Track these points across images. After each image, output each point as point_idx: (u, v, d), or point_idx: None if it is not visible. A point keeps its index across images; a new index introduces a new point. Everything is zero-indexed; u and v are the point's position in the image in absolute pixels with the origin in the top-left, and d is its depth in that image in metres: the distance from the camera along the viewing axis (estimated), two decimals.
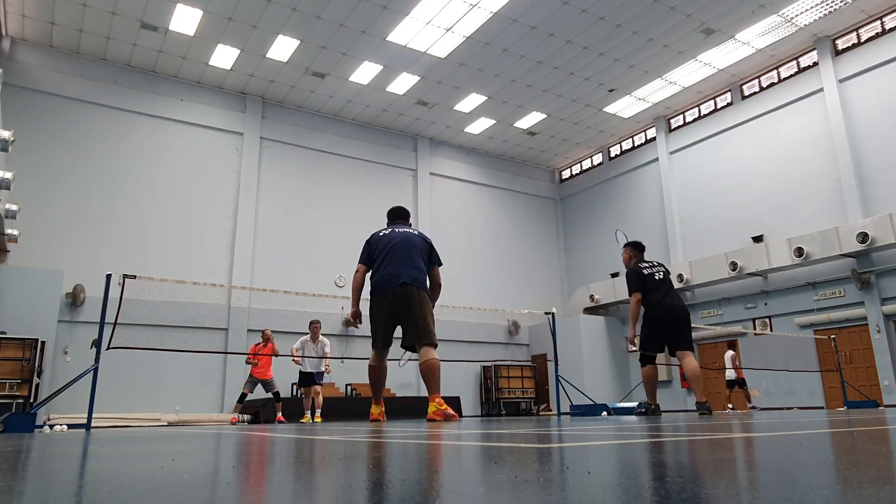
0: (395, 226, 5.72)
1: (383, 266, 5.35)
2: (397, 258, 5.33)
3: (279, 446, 2.51)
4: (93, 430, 7.04)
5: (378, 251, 5.48)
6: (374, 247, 5.53)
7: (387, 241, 5.48)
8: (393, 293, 5.23)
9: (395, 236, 5.50)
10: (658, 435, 2.48)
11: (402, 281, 5.23)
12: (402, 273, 5.26)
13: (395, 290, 5.22)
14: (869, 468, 1.08)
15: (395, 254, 5.36)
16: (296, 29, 15.07)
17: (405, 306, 5.22)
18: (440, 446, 2.17)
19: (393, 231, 5.59)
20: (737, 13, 15.03)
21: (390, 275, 5.27)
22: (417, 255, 5.43)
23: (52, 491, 1.15)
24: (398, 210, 5.95)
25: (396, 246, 5.40)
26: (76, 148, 15.45)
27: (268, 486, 1.12)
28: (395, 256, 5.35)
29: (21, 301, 12.71)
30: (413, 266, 5.33)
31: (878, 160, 15.08)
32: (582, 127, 20.76)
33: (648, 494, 0.83)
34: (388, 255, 5.37)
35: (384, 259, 5.38)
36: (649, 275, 7.00)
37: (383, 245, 5.47)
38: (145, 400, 14.48)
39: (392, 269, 5.29)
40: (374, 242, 5.56)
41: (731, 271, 16.83)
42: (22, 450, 2.64)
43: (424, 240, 5.59)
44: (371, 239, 5.63)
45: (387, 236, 5.54)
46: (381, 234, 5.60)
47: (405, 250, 5.39)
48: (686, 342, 6.86)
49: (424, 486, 1.04)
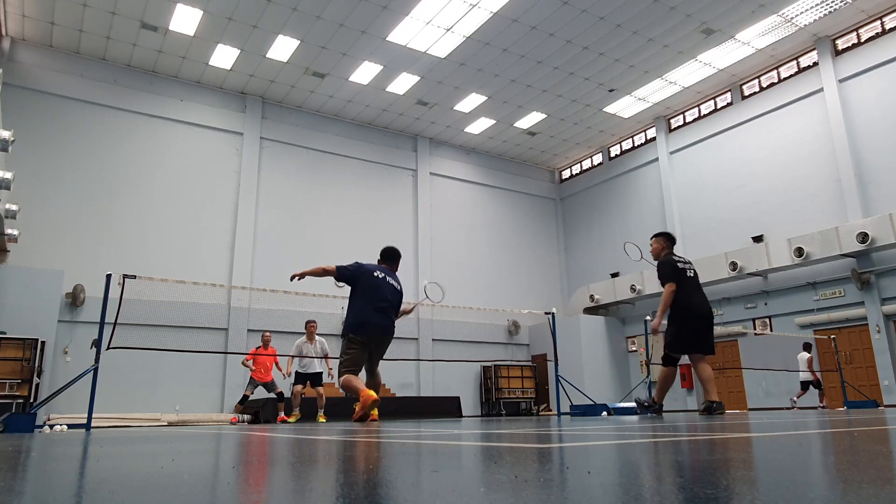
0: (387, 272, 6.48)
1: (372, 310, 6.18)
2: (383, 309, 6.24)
3: (278, 446, 2.51)
4: (93, 430, 7.04)
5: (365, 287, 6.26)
6: (363, 277, 6.29)
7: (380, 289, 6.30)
8: (377, 339, 6.26)
9: (387, 287, 6.34)
10: (658, 435, 2.48)
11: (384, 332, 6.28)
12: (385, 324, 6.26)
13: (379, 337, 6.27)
14: (869, 468, 1.08)
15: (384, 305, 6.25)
16: (296, 29, 15.07)
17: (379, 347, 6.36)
18: (440, 446, 2.17)
19: (385, 280, 6.37)
20: (737, 13, 15.02)
21: (378, 324, 6.20)
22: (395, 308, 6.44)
23: (52, 491, 1.15)
24: (391, 254, 6.66)
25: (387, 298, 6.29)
26: (76, 148, 15.45)
27: (267, 486, 1.12)
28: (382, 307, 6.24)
29: (21, 301, 12.71)
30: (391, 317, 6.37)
31: (878, 160, 15.07)
32: (582, 127, 20.76)
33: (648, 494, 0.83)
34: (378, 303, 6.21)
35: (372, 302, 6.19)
36: (682, 269, 6.70)
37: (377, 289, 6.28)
38: (145, 400, 14.47)
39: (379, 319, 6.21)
40: (366, 276, 6.32)
41: (731, 271, 16.83)
42: (22, 450, 2.64)
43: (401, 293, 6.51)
44: (365, 268, 6.39)
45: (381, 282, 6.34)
46: (375, 274, 6.36)
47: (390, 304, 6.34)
48: (711, 345, 6.66)
49: (425, 486, 1.04)
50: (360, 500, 0.90)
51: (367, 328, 6.15)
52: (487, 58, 16.41)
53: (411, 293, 19.65)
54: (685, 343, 6.62)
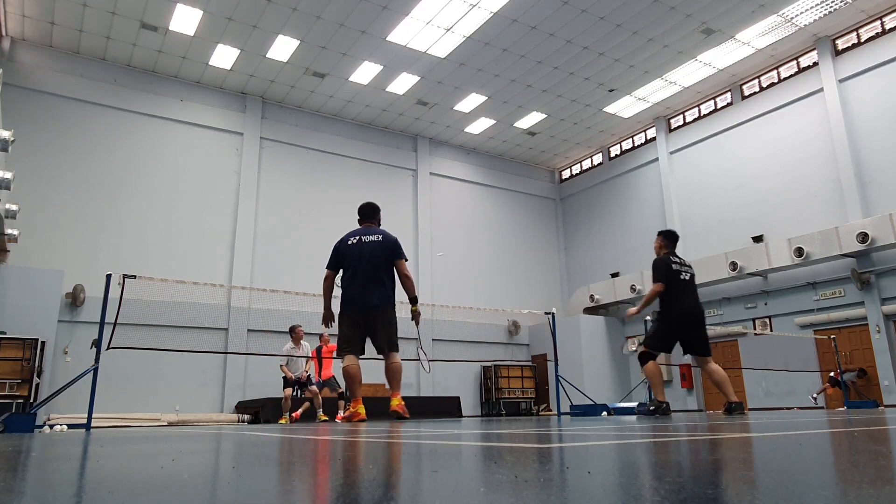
0: (362, 231, 5.95)
1: (353, 282, 5.71)
2: (366, 277, 5.70)
3: (278, 447, 2.51)
4: (93, 430, 7.04)
5: (346, 261, 5.81)
6: (342, 254, 5.85)
7: (356, 254, 5.76)
8: (364, 312, 5.69)
9: (363, 250, 5.77)
10: (658, 435, 2.48)
11: (372, 303, 5.68)
12: (372, 295, 5.68)
13: (366, 310, 5.69)
14: (869, 468, 1.08)
15: (364, 272, 5.71)
16: (296, 29, 15.07)
17: (373, 325, 5.72)
18: (440, 446, 2.17)
19: (360, 241, 5.81)
20: (737, 13, 15.02)
21: (360, 295, 5.67)
22: (383, 268, 5.77)
23: (52, 491, 1.15)
24: (366, 209, 6.19)
25: (364, 262, 5.72)
26: (76, 148, 15.45)
27: (266, 487, 1.12)
28: (364, 275, 5.70)
29: (21, 301, 12.71)
30: (379, 284, 5.72)
31: (878, 160, 15.07)
32: (582, 127, 20.76)
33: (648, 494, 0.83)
34: (357, 271, 5.71)
35: (353, 274, 5.73)
36: (676, 271, 6.75)
37: (353, 257, 5.77)
38: (145, 400, 14.47)
39: (361, 289, 5.68)
40: (343, 250, 5.85)
41: (731, 271, 16.83)
42: (22, 450, 2.64)
43: (388, 243, 5.83)
44: (339, 246, 5.90)
45: (355, 248, 5.80)
46: (350, 242, 5.85)
47: (373, 267, 5.73)
48: (705, 347, 6.72)
49: (425, 486, 1.04)
50: (359, 501, 0.90)
51: (346, 303, 5.77)
52: (487, 58, 16.41)
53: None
54: (668, 345, 6.74)
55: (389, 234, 5.95)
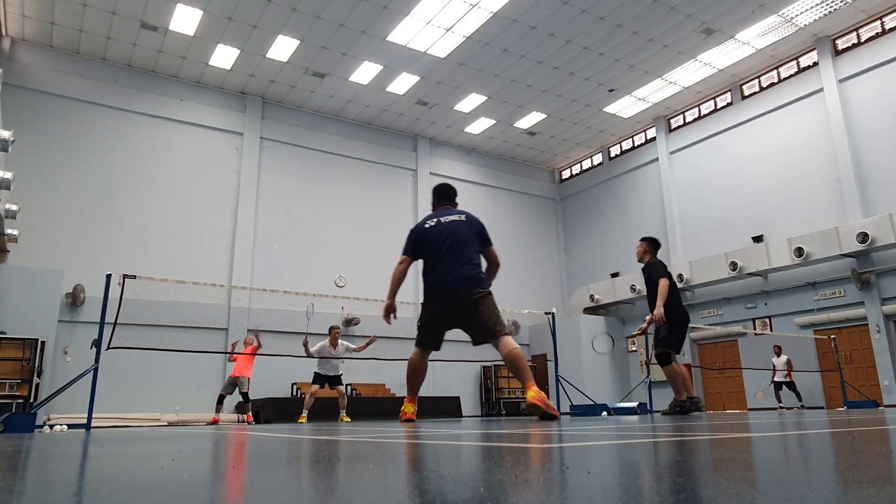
0: (440, 213, 5.27)
1: (434, 267, 5.04)
2: (452, 261, 4.98)
3: (277, 447, 2.51)
4: (93, 430, 7.04)
5: (425, 247, 5.13)
6: (418, 240, 5.18)
7: (435, 238, 5.08)
8: (448, 300, 4.97)
9: (442, 231, 5.08)
10: (658, 435, 2.48)
11: (456, 288, 4.94)
12: (455, 278, 4.95)
13: (451, 297, 4.96)
14: (869, 468, 1.08)
15: (447, 253, 5.00)
16: (296, 29, 15.07)
17: (462, 314, 4.99)
18: (440, 446, 2.17)
19: (438, 224, 5.14)
20: (737, 13, 15.02)
21: (443, 281, 4.98)
22: (468, 250, 5.05)
23: (52, 491, 1.15)
24: (443, 189, 5.50)
25: (445, 245, 5.02)
26: (76, 148, 15.45)
27: (266, 487, 1.12)
28: (446, 257, 5.00)
29: (21, 301, 12.71)
30: (464, 266, 4.99)
31: (878, 160, 15.07)
32: (582, 127, 20.76)
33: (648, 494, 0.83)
34: (438, 256, 5.02)
35: (434, 259, 5.04)
36: (670, 273, 7.00)
37: (432, 242, 5.08)
38: (145, 400, 14.47)
39: (444, 274, 4.98)
40: (420, 236, 5.18)
41: (731, 271, 16.83)
42: (22, 450, 2.64)
43: (472, 224, 5.19)
44: (416, 230, 5.26)
45: (433, 231, 5.12)
46: (427, 226, 5.18)
47: (459, 249, 5.02)
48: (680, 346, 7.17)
49: (424, 486, 1.04)
50: (358, 500, 0.90)
51: (431, 293, 5.06)
52: (487, 58, 16.41)
53: (411, 293, 19.67)
54: (679, 343, 7.02)
55: (473, 215, 5.31)
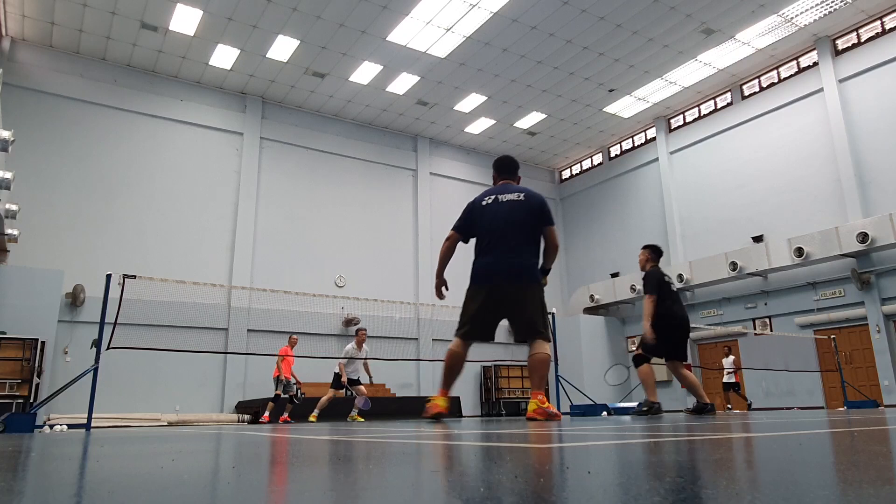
0: (499, 189, 4.88)
1: (486, 251, 4.66)
2: (505, 245, 4.60)
3: (276, 447, 2.51)
4: (93, 430, 7.04)
5: (480, 225, 4.74)
6: (474, 216, 4.80)
7: (491, 217, 4.69)
8: (498, 290, 4.59)
9: (498, 211, 4.69)
10: (658, 435, 2.48)
11: (510, 278, 4.57)
12: (509, 267, 4.57)
13: (502, 287, 4.58)
14: (869, 468, 1.08)
15: (501, 237, 4.62)
16: (296, 29, 15.07)
17: (511, 306, 4.63)
18: (440, 446, 2.17)
19: (495, 201, 4.74)
20: (737, 13, 15.03)
21: (495, 268, 4.60)
22: (527, 233, 4.67)
23: (52, 491, 1.15)
24: (505, 162, 5.08)
25: (502, 226, 4.64)
26: (76, 148, 15.45)
27: (265, 487, 1.12)
28: (503, 242, 4.61)
29: (21, 301, 12.71)
30: (519, 253, 4.60)
31: (878, 160, 15.07)
32: (582, 127, 20.76)
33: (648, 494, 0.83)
34: (494, 238, 4.64)
35: (488, 241, 4.67)
36: (668, 282, 7.04)
37: (488, 221, 4.69)
38: (145, 400, 14.48)
39: (496, 260, 4.60)
40: (477, 212, 4.78)
41: (731, 271, 16.83)
42: (22, 450, 2.64)
43: (533, 202, 4.74)
44: (473, 205, 4.85)
45: (489, 209, 4.73)
46: (485, 203, 4.77)
47: (512, 231, 4.62)
48: (684, 353, 7.07)
49: (425, 486, 1.04)
50: (358, 501, 0.90)
51: (478, 277, 4.68)
52: (487, 58, 16.41)
53: (410, 293, 19.69)
54: (663, 350, 6.96)
55: (535, 193, 4.84)
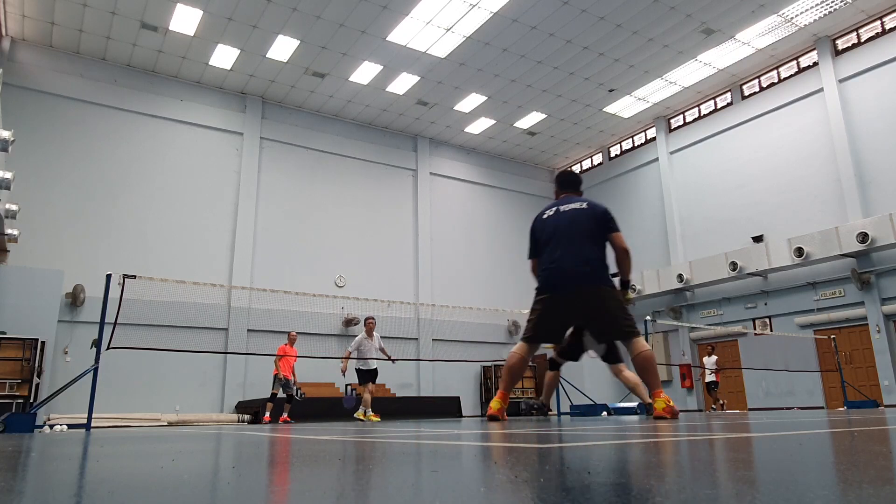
0: (560, 202, 4.95)
1: (549, 259, 4.71)
2: (568, 251, 4.63)
3: (277, 447, 2.51)
4: (93, 430, 7.03)
5: (544, 236, 4.83)
6: (538, 235, 4.90)
7: (552, 227, 4.80)
8: (565, 296, 4.61)
9: (563, 219, 4.77)
10: (658, 435, 2.48)
11: (577, 283, 4.58)
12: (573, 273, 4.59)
13: (569, 292, 4.60)
14: (869, 468, 1.08)
15: (566, 244, 4.66)
16: (296, 29, 15.07)
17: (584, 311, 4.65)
18: (440, 446, 2.17)
19: (556, 213, 4.84)
20: (737, 13, 15.03)
21: (559, 276, 4.63)
22: (592, 238, 4.67)
23: (52, 491, 1.15)
24: (566, 178, 5.18)
25: (564, 233, 4.71)
26: (76, 148, 15.45)
27: (265, 487, 1.12)
28: (566, 249, 4.64)
29: (21, 301, 12.71)
30: (582, 259, 4.60)
31: (878, 160, 15.07)
32: (582, 127, 20.76)
33: (648, 494, 0.83)
34: (557, 246, 4.69)
35: (549, 250, 4.73)
36: None
37: (550, 230, 4.80)
38: (145, 400, 14.47)
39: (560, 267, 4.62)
40: (539, 230, 4.91)
41: (731, 271, 16.83)
42: (22, 450, 2.64)
43: (596, 210, 4.77)
44: (535, 225, 4.97)
45: (550, 221, 4.84)
46: (545, 216, 4.91)
47: (578, 238, 4.66)
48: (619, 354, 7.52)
49: (425, 486, 1.04)
50: (359, 501, 0.90)
51: (544, 286, 4.70)
52: (487, 58, 16.41)
53: (410, 293, 19.70)
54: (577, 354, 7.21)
55: (598, 202, 4.90)
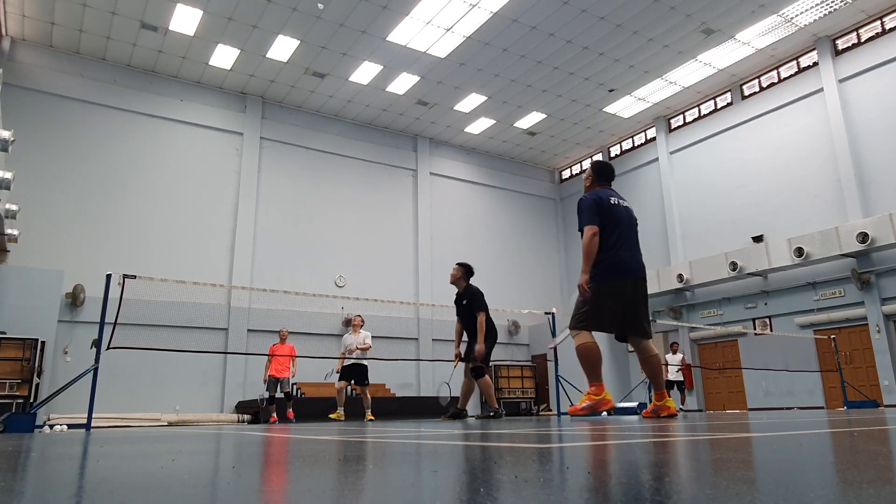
0: (614, 193, 5.11)
1: (619, 247, 4.82)
2: (631, 241, 4.90)
3: (277, 447, 2.51)
4: (93, 430, 7.03)
5: (611, 222, 4.88)
6: (604, 212, 4.90)
7: (617, 215, 4.92)
8: (634, 285, 4.81)
9: (623, 212, 4.97)
10: (658, 435, 2.48)
11: (641, 275, 4.87)
12: (640, 263, 4.90)
13: (638, 282, 4.83)
14: (869, 468, 1.08)
15: (629, 235, 4.91)
16: (296, 29, 15.07)
17: (634, 303, 4.84)
18: (440, 446, 2.17)
19: (619, 203, 5.00)
20: (737, 13, 15.02)
21: (629, 264, 4.82)
22: (637, 242, 5.02)
23: (52, 491, 1.15)
24: (610, 169, 5.35)
25: (627, 225, 4.94)
26: (76, 148, 15.45)
27: (265, 487, 1.12)
28: (630, 238, 4.90)
29: (21, 301, 12.70)
30: (640, 253, 4.95)
31: (878, 160, 15.07)
32: (582, 127, 20.76)
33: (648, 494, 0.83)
34: (622, 234, 4.86)
35: (618, 238, 4.84)
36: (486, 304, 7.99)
37: (615, 218, 4.89)
38: (145, 400, 14.47)
39: (631, 256, 4.85)
40: (605, 208, 4.92)
41: (731, 271, 16.83)
42: (22, 450, 2.64)
43: (633, 215, 5.14)
44: (602, 201, 4.94)
45: (617, 209, 4.94)
46: (611, 201, 4.96)
47: (634, 231, 4.97)
48: None
49: (425, 486, 1.04)
50: (358, 500, 0.90)
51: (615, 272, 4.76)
52: (487, 58, 16.41)
53: (410, 293, 19.69)
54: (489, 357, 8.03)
55: None
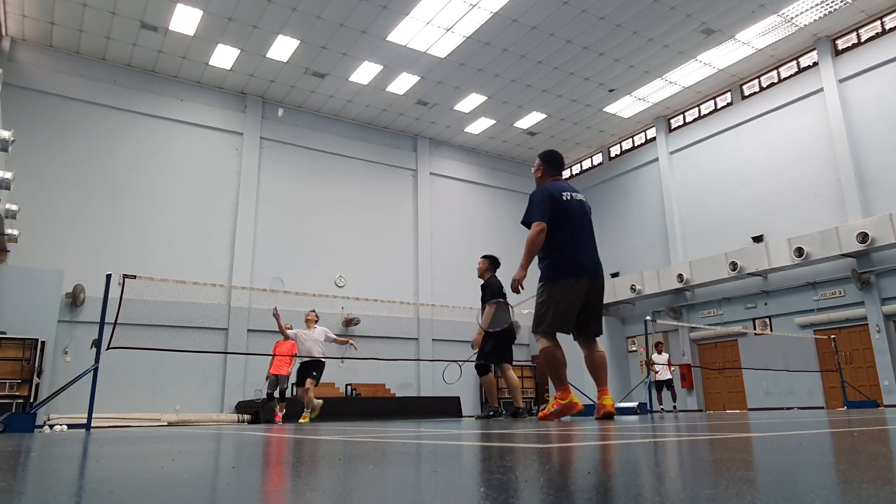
0: (566, 187, 4.95)
1: (569, 245, 4.72)
2: (585, 237, 4.78)
3: (277, 447, 2.51)
4: (93, 430, 7.03)
5: (563, 219, 4.74)
6: (558, 208, 4.75)
7: (570, 211, 4.77)
8: (586, 284, 4.68)
9: (576, 206, 4.81)
10: (658, 435, 2.48)
11: (597, 273, 4.75)
12: (595, 260, 4.78)
13: (590, 281, 4.70)
14: (869, 468, 1.08)
15: (583, 232, 4.78)
16: (296, 29, 15.07)
17: (596, 298, 4.76)
18: (440, 446, 2.17)
19: (572, 198, 4.83)
20: (737, 13, 15.03)
21: (583, 263, 4.71)
22: (593, 233, 4.91)
23: (52, 491, 1.15)
24: (558, 157, 5.17)
25: (581, 221, 4.80)
26: (76, 148, 15.45)
27: (265, 487, 1.12)
28: (583, 235, 4.78)
29: (21, 301, 12.71)
30: (596, 251, 4.84)
31: (878, 160, 15.07)
32: (582, 127, 20.76)
33: (648, 494, 0.83)
34: (576, 232, 4.75)
35: (573, 236, 4.74)
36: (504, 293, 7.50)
37: (568, 215, 4.75)
38: (145, 400, 14.47)
39: (587, 254, 4.75)
40: (557, 204, 4.76)
41: (731, 271, 16.83)
42: (22, 450, 2.64)
43: (587, 207, 4.98)
44: (553, 194, 4.79)
45: (569, 204, 4.79)
46: (564, 197, 4.80)
47: (588, 226, 4.84)
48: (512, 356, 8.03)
49: (425, 486, 1.04)
50: (358, 500, 0.90)
51: (569, 270, 4.65)
52: (487, 58, 16.41)
53: (410, 293, 19.69)
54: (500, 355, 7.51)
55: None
